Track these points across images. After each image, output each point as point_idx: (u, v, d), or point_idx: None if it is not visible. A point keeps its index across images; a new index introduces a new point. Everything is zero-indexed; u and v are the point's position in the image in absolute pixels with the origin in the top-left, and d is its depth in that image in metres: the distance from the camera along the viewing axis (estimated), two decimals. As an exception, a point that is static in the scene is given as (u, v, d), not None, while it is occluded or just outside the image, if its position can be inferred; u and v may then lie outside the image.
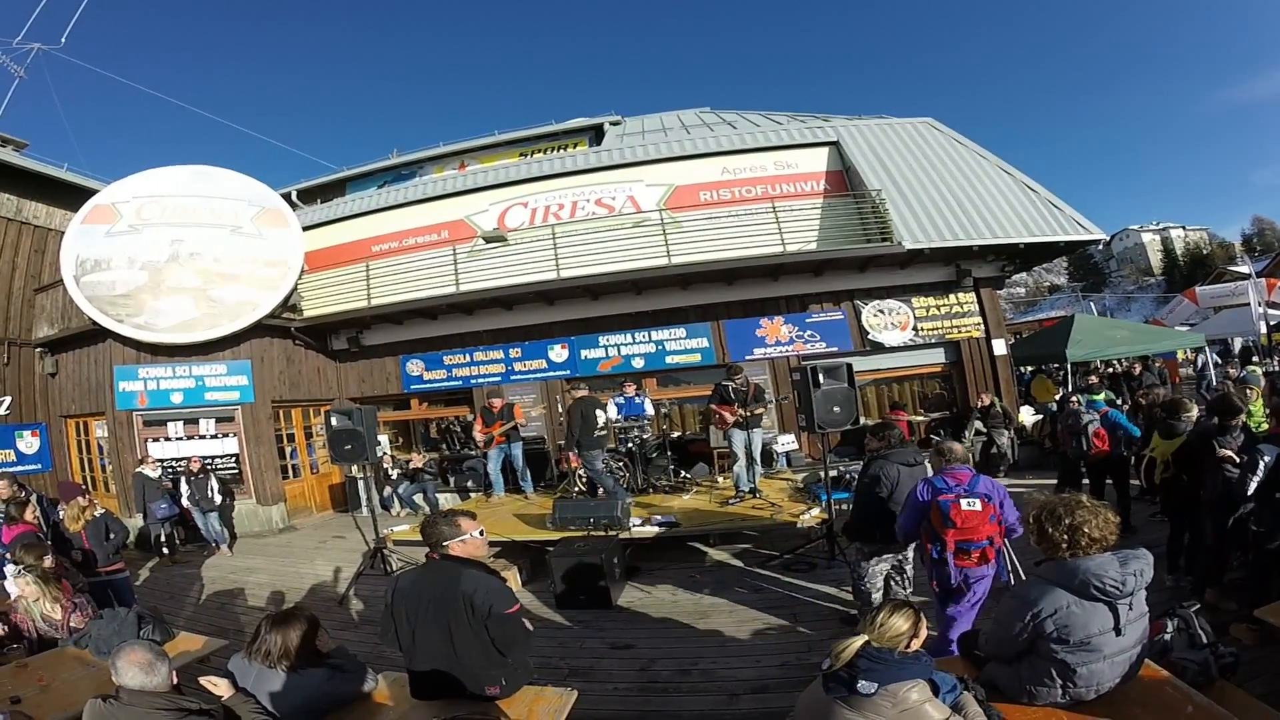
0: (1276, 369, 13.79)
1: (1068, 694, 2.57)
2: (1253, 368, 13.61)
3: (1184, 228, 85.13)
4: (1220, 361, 16.89)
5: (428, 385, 12.85)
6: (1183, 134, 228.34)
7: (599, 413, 8.56)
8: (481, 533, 3.26)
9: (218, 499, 9.85)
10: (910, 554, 4.88)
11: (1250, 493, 4.26)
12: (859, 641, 2.44)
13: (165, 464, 10.36)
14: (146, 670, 2.62)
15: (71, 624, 4.30)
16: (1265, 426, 6.54)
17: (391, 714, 3.06)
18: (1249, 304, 16.86)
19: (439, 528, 3.18)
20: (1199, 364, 16.61)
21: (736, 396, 8.12)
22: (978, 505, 3.82)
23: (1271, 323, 16.66)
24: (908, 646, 2.45)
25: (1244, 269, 23.55)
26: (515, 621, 3.00)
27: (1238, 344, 19.31)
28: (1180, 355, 17.91)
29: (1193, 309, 21.63)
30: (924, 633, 2.53)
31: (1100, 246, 79.68)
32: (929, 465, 4.54)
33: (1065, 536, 2.67)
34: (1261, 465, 4.23)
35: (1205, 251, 74.34)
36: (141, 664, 2.63)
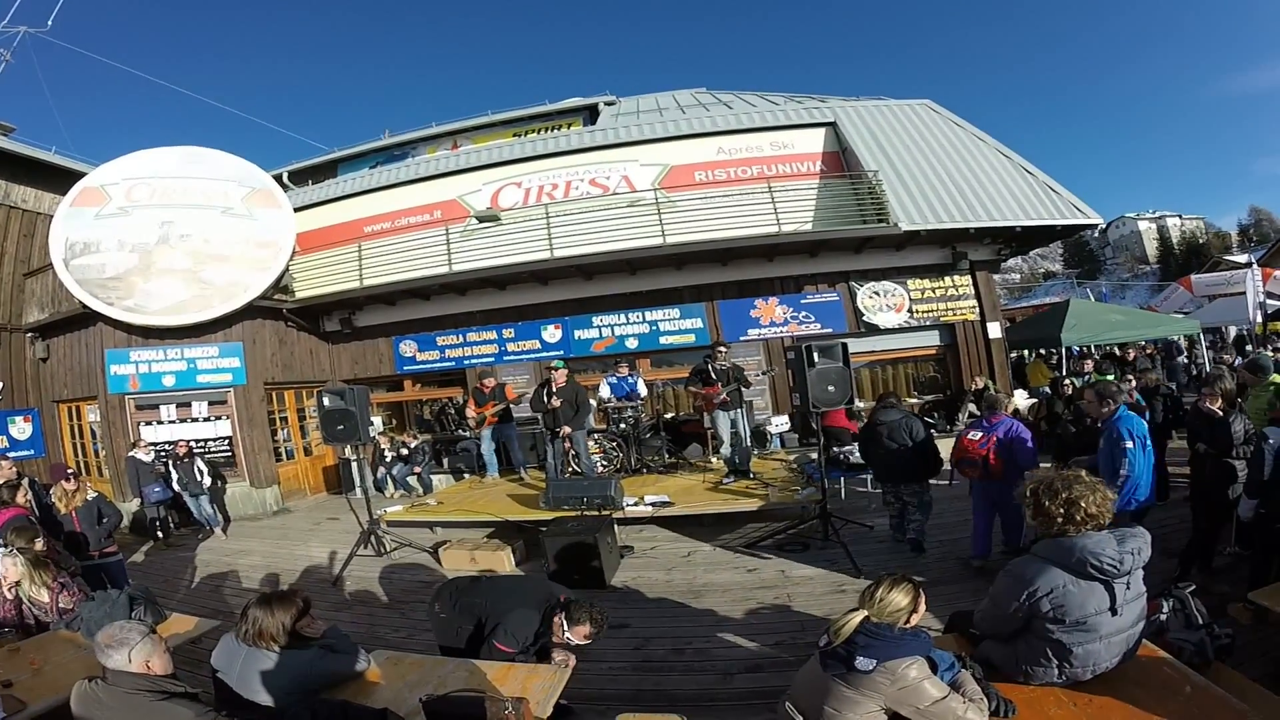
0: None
1: (1064, 674, 2.55)
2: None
3: (1180, 216, 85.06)
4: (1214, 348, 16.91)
5: (421, 366, 12.80)
6: (1182, 123, 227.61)
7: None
8: (587, 630, 3.52)
9: (206, 481, 9.80)
10: (914, 497, 6.16)
11: (1268, 479, 4.22)
12: (858, 617, 2.42)
13: (158, 447, 10.29)
14: (116, 648, 2.59)
15: (60, 605, 4.26)
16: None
17: (384, 693, 3.04)
18: (1244, 293, 16.86)
19: (577, 611, 3.52)
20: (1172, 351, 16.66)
21: (719, 376, 8.09)
22: (977, 436, 5.55)
23: (1268, 312, 16.68)
24: (907, 622, 2.44)
25: (1240, 258, 23.51)
26: (500, 657, 3.42)
27: (1232, 332, 19.33)
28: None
29: (1187, 297, 21.53)
30: (923, 608, 2.52)
31: (1096, 234, 79.91)
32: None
33: (1062, 511, 2.64)
34: (1267, 452, 4.22)
35: (1201, 240, 74.33)
36: (113, 643, 2.61)
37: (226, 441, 11.29)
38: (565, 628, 3.48)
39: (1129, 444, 4.52)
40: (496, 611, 3.52)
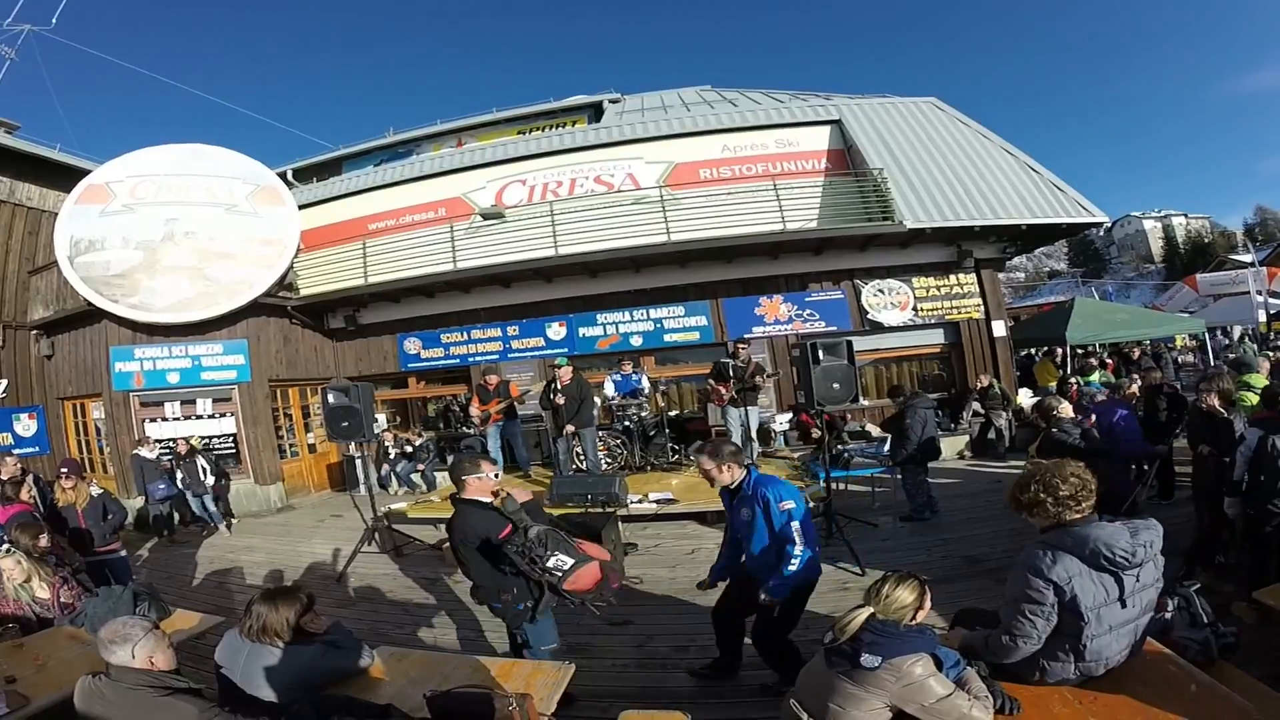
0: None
1: (1079, 669, 2.52)
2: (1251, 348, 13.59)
3: (1186, 215, 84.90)
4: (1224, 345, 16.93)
5: (425, 364, 12.81)
6: (1188, 122, 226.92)
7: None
8: (497, 474, 3.63)
9: (209, 480, 9.77)
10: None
11: (1238, 479, 4.30)
12: (864, 614, 2.41)
13: (162, 444, 10.31)
14: (120, 644, 2.59)
15: (61, 599, 4.27)
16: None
17: (387, 689, 3.04)
18: (1249, 292, 16.83)
19: (462, 465, 3.59)
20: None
21: (735, 373, 8.14)
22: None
23: (1271, 311, 16.65)
24: (913, 619, 2.42)
25: (1245, 257, 23.51)
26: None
27: (1236, 331, 19.31)
28: (1180, 342, 17.94)
29: (1192, 296, 21.58)
30: (928, 605, 2.50)
31: (1101, 232, 79.82)
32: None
33: (1045, 496, 2.59)
34: (1240, 453, 4.29)
35: (1207, 240, 74.15)
36: (116, 639, 2.60)
37: (231, 438, 11.31)
38: (485, 475, 3.56)
39: (790, 504, 3.47)
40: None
